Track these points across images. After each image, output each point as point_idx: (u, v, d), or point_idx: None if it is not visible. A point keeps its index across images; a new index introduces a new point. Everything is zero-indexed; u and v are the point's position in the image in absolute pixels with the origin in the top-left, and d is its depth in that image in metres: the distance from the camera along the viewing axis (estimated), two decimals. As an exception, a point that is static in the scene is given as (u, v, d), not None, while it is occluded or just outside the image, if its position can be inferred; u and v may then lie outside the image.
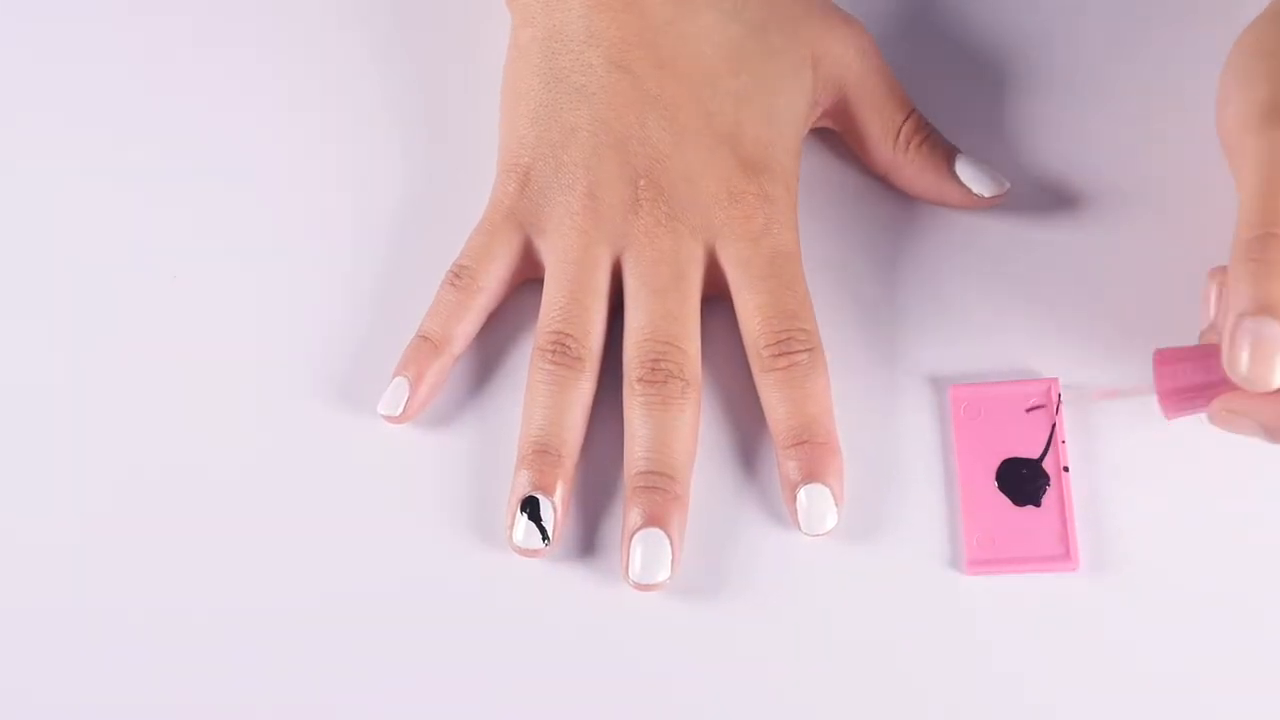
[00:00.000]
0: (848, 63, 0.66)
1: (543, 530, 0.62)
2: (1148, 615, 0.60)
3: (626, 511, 0.62)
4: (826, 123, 0.68)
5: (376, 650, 0.61)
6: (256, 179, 0.70)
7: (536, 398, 0.63)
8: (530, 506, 0.62)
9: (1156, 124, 0.68)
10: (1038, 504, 0.62)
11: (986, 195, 0.66)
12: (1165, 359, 0.58)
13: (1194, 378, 0.57)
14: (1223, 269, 0.56)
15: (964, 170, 0.67)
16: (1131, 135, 0.68)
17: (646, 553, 0.61)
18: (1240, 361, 0.53)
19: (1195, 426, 0.59)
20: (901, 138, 0.67)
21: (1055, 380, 0.63)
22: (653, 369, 0.63)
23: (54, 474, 0.65)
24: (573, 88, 0.65)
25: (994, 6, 0.71)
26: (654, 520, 0.61)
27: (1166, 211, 0.66)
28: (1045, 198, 0.67)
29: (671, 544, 0.61)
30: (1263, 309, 0.53)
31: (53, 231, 0.69)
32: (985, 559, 0.61)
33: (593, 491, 0.64)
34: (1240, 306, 0.53)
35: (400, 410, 0.64)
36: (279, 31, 0.73)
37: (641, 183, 0.64)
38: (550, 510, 0.62)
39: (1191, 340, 0.60)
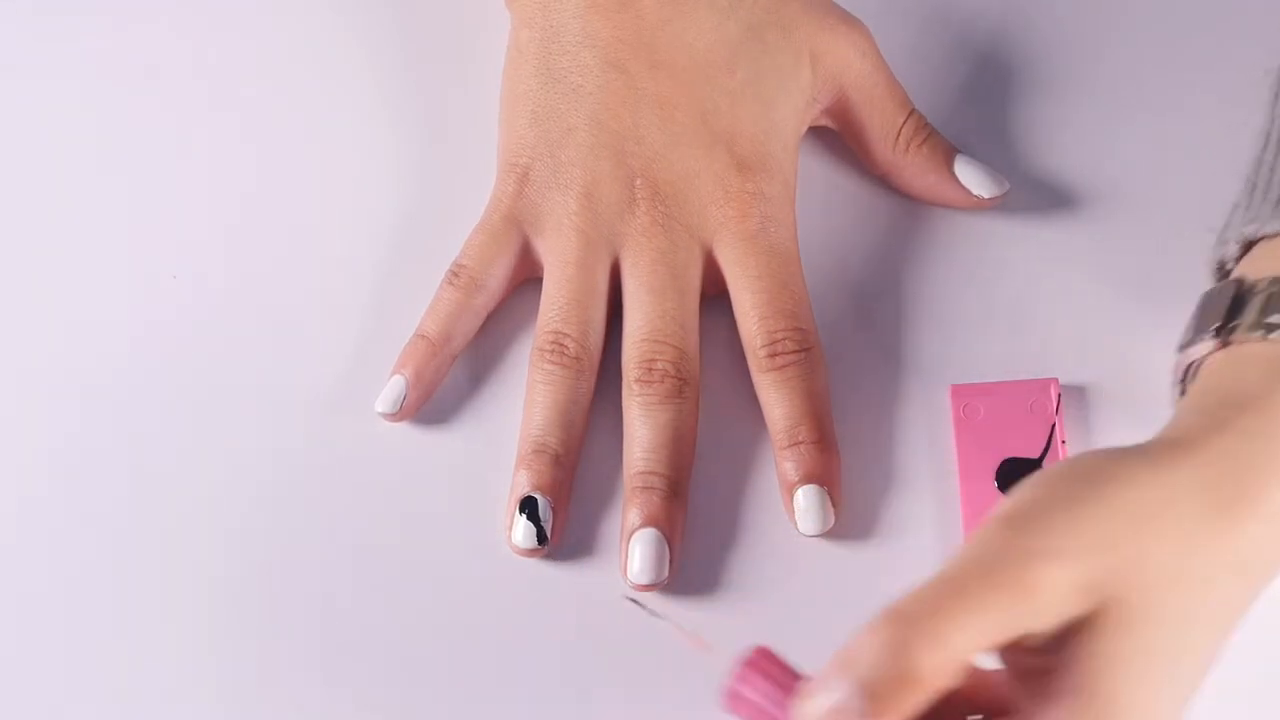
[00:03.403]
0: (847, 61, 0.66)
1: (541, 530, 0.62)
2: (1147, 615, 0.60)
3: (625, 511, 0.62)
4: (825, 122, 0.68)
5: (375, 650, 0.61)
6: (256, 179, 0.70)
7: (535, 398, 0.63)
8: (529, 507, 0.62)
9: (1156, 124, 0.68)
10: (1038, 504, 0.62)
11: (986, 196, 0.66)
12: (758, 659, 0.51)
13: (766, 694, 0.50)
14: None
15: (964, 171, 0.67)
16: (1130, 135, 0.68)
17: (645, 553, 0.61)
18: (810, 707, 0.48)
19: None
20: (901, 138, 0.67)
21: (1055, 380, 0.63)
22: (650, 369, 0.63)
23: (53, 473, 0.65)
24: (570, 88, 0.65)
25: (994, 7, 0.71)
26: (652, 520, 0.61)
27: (1166, 211, 0.66)
28: (1045, 198, 0.67)
29: (670, 544, 0.61)
30: (860, 683, 0.46)
31: (52, 231, 0.69)
32: (985, 559, 0.61)
33: (592, 491, 0.64)
34: (848, 665, 0.47)
35: (397, 408, 0.64)
36: (279, 32, 0.73)
37: (638, 182, 0.64)
38: (549, 510, 0.62)
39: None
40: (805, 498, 0.62)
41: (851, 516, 0.62)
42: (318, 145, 0.70)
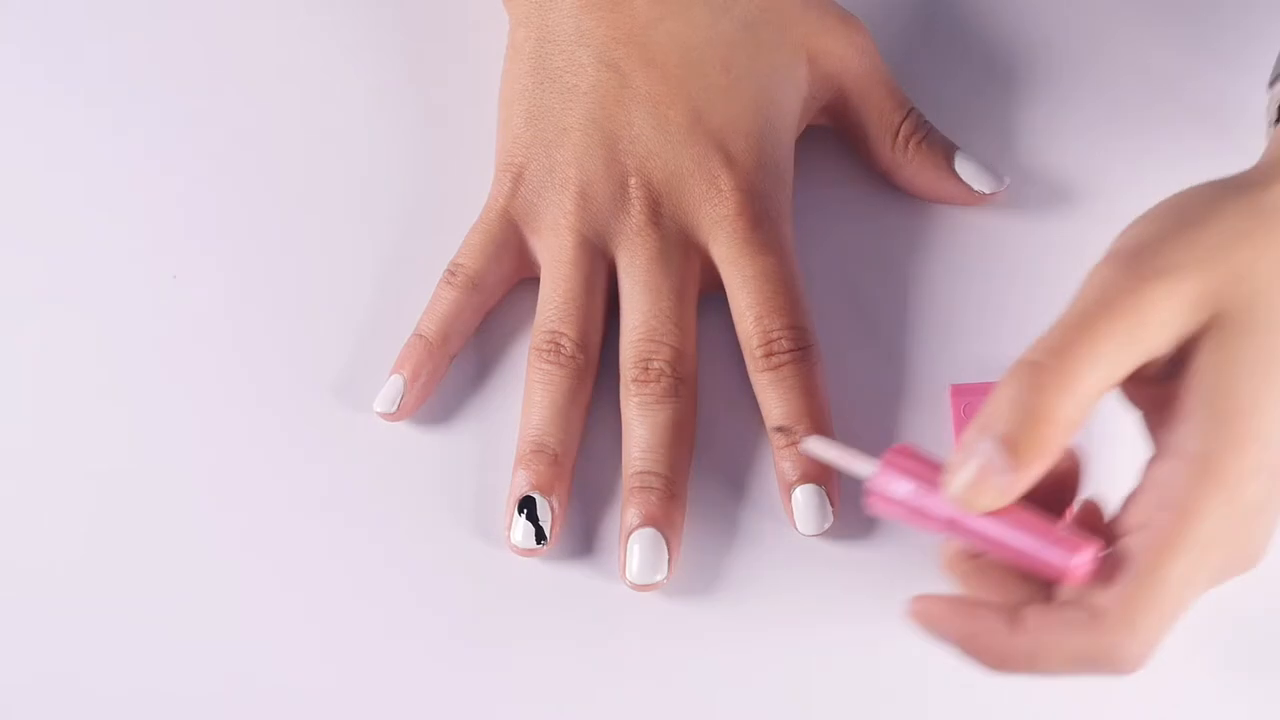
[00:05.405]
0: (845, 60, 0.66)
1: (540, 530, 0.62)
2: (1148, 615, 0.60)
3: (624, 511, 0.62)
4: (823, 120, 0.68)
5: (375, 650, 0.61)
6: (255, 179, 0.70)
7: (533, 397, 0.63)
8: (528, 506, 0.62)
9: (1156, 123, 0.68)
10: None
11: (987, 191, 0.66)
12: (895, 457, 0.52)
13: (910, 489, 0.52)
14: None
15: (963, 166, 0.67)
16: (1131, 134, 0.68)
17: (644, 553, 0.61)
18: (959, 476, 0.50)
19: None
20: (900, 136, 0.67)
21: (1055, 379, 0.63)
22: (647, 368, 0.63)
23: (53, 473, 0.65)
24: (565, 87, 0.65)
25: (993, 6, 0.71)
26: (651, 520, 0.61)
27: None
28: (1045, 196, 0.67)
29: (669, 544, 0.61)
30: (1001, 436, 0.49)
31: (52, 231, 0.70)
32: (984, 559, 0.61)
33: (591, 491, 0.64)
34: (987, 425, 0.50)
35: (396, 408, 0.64)
36: (278, 31, 0.73)
37: (632, 181, 0.64)
38: (548, 510, 0.62)
39: None
40: (804, 497, 0.62)
41: (851, 516, 0.62)
42: (317, 145, 0.71)
